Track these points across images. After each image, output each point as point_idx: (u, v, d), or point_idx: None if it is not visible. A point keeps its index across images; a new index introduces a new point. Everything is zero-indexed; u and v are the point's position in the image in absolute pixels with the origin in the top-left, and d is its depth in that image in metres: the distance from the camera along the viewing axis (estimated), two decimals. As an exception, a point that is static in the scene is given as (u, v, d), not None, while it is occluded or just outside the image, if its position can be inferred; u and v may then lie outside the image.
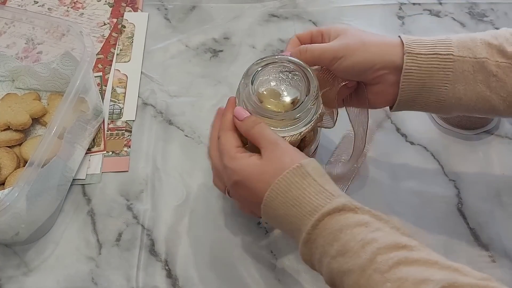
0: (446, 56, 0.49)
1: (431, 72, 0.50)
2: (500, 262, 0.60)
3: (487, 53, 0.49)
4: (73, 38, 0.64)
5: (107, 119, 0.71)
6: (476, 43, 0.49)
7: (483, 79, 0.49)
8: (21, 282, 0.59)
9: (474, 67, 0.49)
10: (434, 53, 0.49)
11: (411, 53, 0.50)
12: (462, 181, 0.66)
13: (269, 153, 0.47)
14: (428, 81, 0.50)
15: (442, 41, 0.50)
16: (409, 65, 0.50)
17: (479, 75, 0.49)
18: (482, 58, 0.48)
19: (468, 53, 0.49)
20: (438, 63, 0.49)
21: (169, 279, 0.59)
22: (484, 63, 0.48)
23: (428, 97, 0.51)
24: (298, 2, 0.84)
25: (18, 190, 0.51)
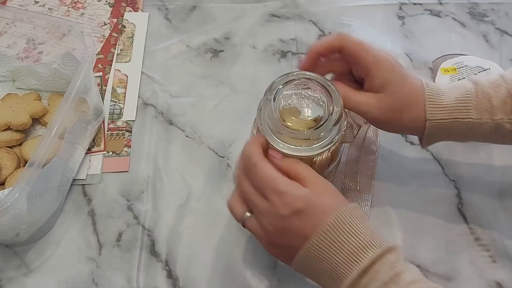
0: (465, 119, 0.52)
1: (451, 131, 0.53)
2: (500, 263, 0.60)
3: (502, 112, 0.52)
4: (74, 38, 0.64)
5: (107, 119, 0.71)
6: (492, 103, 0.52)
7: (500, 133, 0.53)
8: (21, 283, 0.59)
9: (492, 127, 0.52)
10: (454, 117, 0.52)
11: (431, 120, 0.53)
12: (463, 181, 0.66)
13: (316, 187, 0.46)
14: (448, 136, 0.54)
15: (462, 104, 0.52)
16: (430, 130, 0.53)
17: (496, 131, 0.53)
18: (498, 119, 0.52)
19: (485, 115, 0.52)
20: (457, 125, 0.53)
21: (169, 279, 0.59)
22: (500, 123, 0.52)
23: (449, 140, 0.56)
24: (300, 2, 0.84)
25: (18, 191, 0.51)
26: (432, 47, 0.78)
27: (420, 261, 0.60)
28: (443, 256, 0.60)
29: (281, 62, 0.78)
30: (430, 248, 0.61)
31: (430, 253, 0.60)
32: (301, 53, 0.78)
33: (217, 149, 0.69)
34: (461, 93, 0.53)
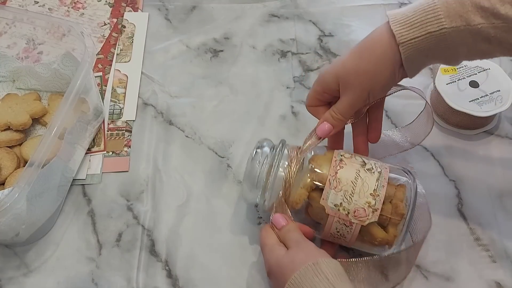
0: (440, 31, 0.48)
1: (430, 48, 0.49)
2: (500, 263, 0.60)
3: (481, 17, 0.47)
4: (74, 38, 0.64)
5: (107, 119, 0.71)
6: (466, 8, 0.47)
7: (483, 40, 0.48)
8: (21, 283, 0.59)
9: (471, 33, 0.47)
10: (426, 32, 0.48)
11: (404, 42, 0.49)
12: (463, 182, 0.66)
13: (290, 250, 0.51)
14: (429, 54, 0.50)
15: (430, 15, 0.48)
16: (406, 53, 0.50)
17: (478, 37, 0.48)
18: (477, 24, 0.47)
19: (461, 22, 0.47)
20: (434, 40, 0.48)
21: (169, 279, 0.59)
22: (481, 28, 0.47)
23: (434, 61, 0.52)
24: (299, 2, 0.84)
25: (18, 191, 0.51)
26: (432, 47, 0.78)
27: (419, 261, 0.60)
28: (442, 256, 0.60)
29: (281, 62, 0.78)
30: (430, 248, 0.61)
31: (430, 253, 0.60)
32: (301, 53, 0.78)
33: (217, 149, 0.69)
34: (428, 4, 0.49)
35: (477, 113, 0.66)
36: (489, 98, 0.67)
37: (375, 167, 0.54)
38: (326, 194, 0.53)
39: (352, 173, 0.53)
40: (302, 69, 0.77)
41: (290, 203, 0.55)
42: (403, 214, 0.53)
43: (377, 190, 0.52)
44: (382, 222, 0.53)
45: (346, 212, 0.53)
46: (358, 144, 0.60)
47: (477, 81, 0.69)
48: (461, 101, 0.67)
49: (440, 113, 0.70)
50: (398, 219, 0.53)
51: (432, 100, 0.71)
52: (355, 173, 0.53)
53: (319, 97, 0.57)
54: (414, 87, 0.59)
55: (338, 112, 0.55)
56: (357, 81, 0.52)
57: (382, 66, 0.51)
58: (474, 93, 0.68)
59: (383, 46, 0.51)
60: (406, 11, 0.50)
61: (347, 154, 0.56)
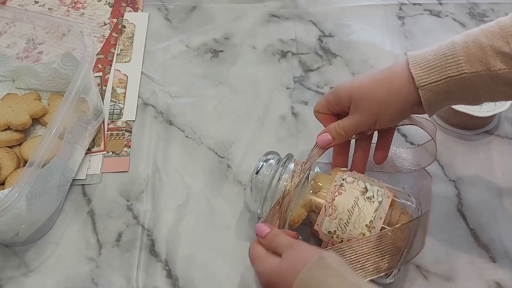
0: (460, 76, 0.48)
1: (450, 91, 0.49)
2: (500, 263, 0.60)
3: (501, 62, 0.46)
4: (74, 38, 0.64)
5: (107, 119, 0.71)
6: (486, 53, 0.47)
7: (504, 84, 0.48)
8: (21, 282, 0.59)
9: (492, 77, 0.47)
10: (446, 77, 0.48)
11: (423, 86, 0.49)
12: (462, 182, 0.66)
13: (285, 255, 0.49)
14: (450, 97, 0.50)
15: (450, 59, 0.48)
16: (425, 97, 0.50)
17: (499, 81, 0.47)
18: (498, 70, 0.47)
19: (481, 67, 0.47)
20: (454, 84, 0.48)
21: (169, 279, 0.59)
22: (501, 74, 0.47)
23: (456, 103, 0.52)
24: (299, 3, 0.84)
25: (18, 190, 0.51)
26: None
27: (419, 261, 0.60)
28: (442, 256, 0.60)
29: (281, 63, 0.78)
30: (429, 248, 0.61)
31: (430, 253, 0.60)
32: (301, 54, 0.78)
33: (217, 149, 0.69)
34: (448, 48, 0.49)
35: (477, 113, 0.66)
36: (489, 98, 0.67)
37: (376, 196, 0.53)
38: (321, 221, 0.53)
39: (349, 201, 0.52)
40: (302, 70, 0.77)
41: (289, 221, 0.55)
42: (401, 249, 0.51)
43: (374, 222, 0.51)
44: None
45: (339, 240, 0.52)
46: (356, 159, 0.60)
47: (477, 81, 0.69)
48: (461, 101, 0.67)
49: (440, 113, 0.70)
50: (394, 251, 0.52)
51: (432, 100, 0.71)
52: (353, 201, 0.52)
53: (330, 107, 0.58)
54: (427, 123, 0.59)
55: (342, 128, 0.56)
56: (368, 105, 0.53)
57: (395, 100, 0.52)
58: (474, 93, 0.68)
59: (401, 82, 0.51)
60: (426, 53, 0.50)
61: (350, 178, 0.55)
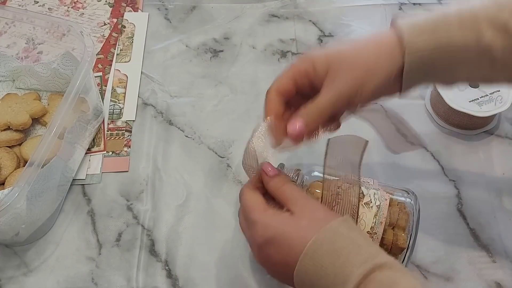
0: (448, 47, 0.45)
1: (434, 64, 0.46)
2: (500, 263, 0.60)
3: (492, 36, 0.44)
4: (74, 38, 0.64)
5: (107, 119, 0.71)
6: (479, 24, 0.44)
7: (489, 63, 0.45)
8: (21, 282, 0.59)
9: (479, 53, 0.44)
10: (435, 47, 0.45)
11: (411, 52, 0.45)
12: (462, 182, 0.66)
13: (301, 209, 0.45)
14: (430, 71, 0.46)
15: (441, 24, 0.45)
16: (410, 64, 0.46)
17: (484, 58, 0.45)
18: (487, 43, 0.44)
19: (471, 37, 0.44)
20: (440, 55, 0.45)
21: (169, 279, 0.59)
22: (490, 48, 0.44)
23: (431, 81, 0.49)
24: (299, 2, 0.84)
25: (18, 190, 0.51)
26: (431, 47, 0.78)
27: (419, 261, 0.60)
28: (442, 256, 0.61)
29: (281, 62, 0.78)
30: (429, 248, 0.61)
31: (430, 253, 0.60)
32: (301, 53, 0.78)
33: (217, 149, 0.69)
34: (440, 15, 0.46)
35: (477, 113, 0.66)
36: (489, 98, 0.67)
37: (374, 200, 0.52)
38: None
39: (348, 210, 0.51)
40: (302, 69, 0.77)
41: None
42: (403, 248, 0.52)
43: (375, 228, 0.51)
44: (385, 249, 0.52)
45: None
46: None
47: (477, 81, 0.69)
48: (461, 101, 0.67)
49: (440, 113, 0.70)
50: (398, 251, 0.52)
51: (432, 100, 0.71)
52: (352, 210, 0.51)
53: (297, 79, 0.48)
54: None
55: (317, 108, 0.47)
56: (351, 71, 0.46)
57: (384, 63, 0.46)
58: (474, 93, 0.68)
59: (390, 44, 0.46)
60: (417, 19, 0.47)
61: (345, 185, 0.52)
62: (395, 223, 0.53)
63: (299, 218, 0.45)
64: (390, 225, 0.52)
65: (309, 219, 0.44)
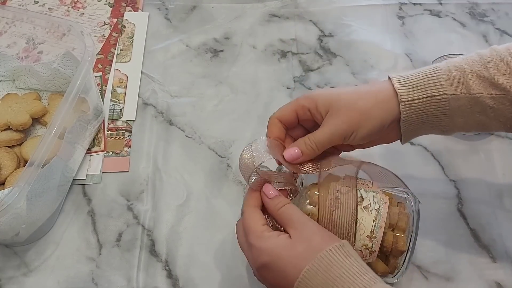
0: (440, 97, 0.49)
1: (428, 113, 0.50)
2: (500, 263, 0.60)
3: (480, 86, 0.48)
4: (74, 38, 0.64)
5: (107, 119, 0.71)
6: (467, 77, 0.49)
7: (481, 111, 0.49)
8: (21, 282, 0.59)
9: (470, 102, 0.49)
10: (427, 96, 0.49)
11: (405, 101, 0.50)
12: (463, 182, 0.66)
13: (298, 233, 0.46)
14: (426, 120, 0.51)
15: (432, 79, 0.50)
16: (405, 113, 0.50)
17: (476, 108, 0.49)
18: (477, 94, 0.48)
19: (461, 90, 0.49)
20: (433, 105, 0.49)
21: (169, 279, 0.59)
22: (479, 98, 0.49)
23: (429, 130, 0.52)
24: (299, 2, 0.84)
25: (18, 190, 0.51)
26: (432, 47, 0.78)
27: (420, 261, 0.60)
28: (443, 256, 0.61)
29: (281, 62, 0.77)
30: (430, 248, 0.61)
31: (430, 253, 0.61)
32: (301, 53, 0.78)
33: (217, 149, 0.69)
34: (431, 70, 0.50)
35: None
36: (490, 98, 0.67)
37: (373, 204, 0.52)
38: None
39: (347, 215, 0.51)
40: (302, 69, 0.77)
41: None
42: (403, 251, 0.52)
43: (374, 232, 0.51)
44: (384, 252, 0.52)
45: None
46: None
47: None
48: (461, 101, 0.67)
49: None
50: (398, 253, 0.52)
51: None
52: (351, 214, 0.51)
53: (299, 113, 0.53)
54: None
55: (314, 141, 0.51)
56: (348, 115, 0.50)
57: (378, 112, 0.50)
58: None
59: (386, 96, 0.50)
60: (408, 74, 0.51)
61: (344, 188, 0.52)
62: (395, 224, 0.52)
63: (295, 244, 0.45)
64: (390, 226, 0.52)
65: (305, 245, 0.45)
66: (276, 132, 0.53)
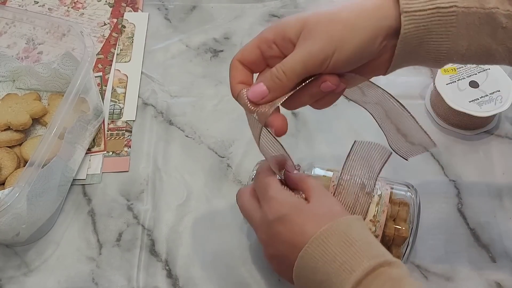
0: (449, 9, 0.41)
1: (430, 29, 0.41)
2: (500, 263, 0.60)
3: (496, 2, 0.41)
4: (74, 38, 0.64)
5: (107, 119, 0.71)
6: None
7: (490, 32, 0.42)
8: (21, 282, 0.59)
9: (481, 19, 0.41)
10: (435, 7, 0.41)
11: (408, 12, 0.41)
12: (462, 181, 0.66)
13: (318, 199, 0.45)
14: (426, 39, 0.42)
15: None
16: (406, 27, 0.41)
17: (486, 27, 0.41)
18: (492, 8, 0.41)
19: (474, 3, 0.41)
20: (439, 19, 0.41)
21: (169, 279, 0.59)
22: (494, 14, 0.41)
23: (425, 55, 0.44)
24: (299, 2, 0.84)
25: (18, 190, 0.51)
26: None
27: (419, 261, 0.60)
28: (442, 256, 0.61)
29: (281, 62, 0.77)
30: (429, 247, 0.61)
31: (430, 253, 0.61)
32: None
33: (217, 149, 0.69)
34: None
35: (477, 113, 0.66)
36: (489, 98, 0.67)
37: (375, 189, 0.53)
38: None
39: (350, 199, 0.51)
40: (302, 69, 0.77)
41: None
42: (406, 237, 0.52)
43: (377, 216, 0.51)
44: (386, 242, 0.53)
45: None
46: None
47: (477, 81, 0.69)
48: (461, 101, 0.67)
49: (440, 113, 0.70)
50: (401, 241, 0.53)
51: (432, 100, 0.71)
52: (354, 199, 0.51)
53: (262, 48, 0.44)
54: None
55: (283, 69, 0.42)
56: (327, 28, 0.41)
57: (366, 22, 0.41)
58: (474, 93, 0.68)
59: (378, 2, 0.42)
60: None
61: (346, 176, 0.53)
62: (396, 215, 0.53)
63: (316, 206, 0.45)
64: (391, 217, 0.53)
65: (326, 208, 0.45)
66: (239, 76, 0.45)
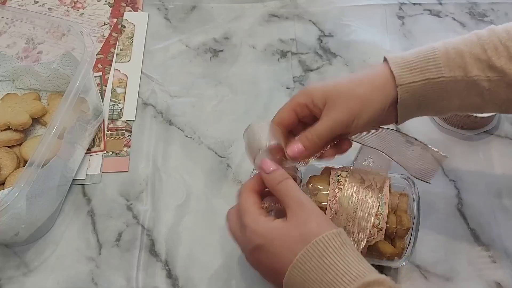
0: (438, 80, 0.49)
1: (425, 95, 0.50)
2: (500, 263, 0.60)
3: (478, 69, 0.48)
4: (74, 38, 0.64)
5: (107, 119, 0.71)
6: (465, 59, 0.49)
7: (477, 93, 0.49)
8: (21, 282, 0.59)
9: (468, 85, 0.49)
10: (425, 78, 0.49)
11: (403, 84, 0.49)
12: (462, 182, 0.66)
13: (294, 215, 0.45)
14: (423, 102, 0.51)
15: (430, 62, 0.49)
16: (403, 96, 0.50)
17: (473, 91, 0.49)
18: (474, 76, 0.49)
19: (459, 72, 0.49)
20: (431, 87, 0.49)
21: (169, 279, 0.59)
22: (476, 81, 0.49)
23: (425, 112, 0.53)
24: (299, 2, 0.84)
25: (18, 190, 0.51)
26: (431, 47, 0.78)
27: (419, 261, 0.60)
28: (442, 256, 0.60)
29: (281, 62, 0.78)
30: (429, 248, 0.61)
31: (430, 253, 0.60)
32: (301, 53, 0.78)
33: (216, 149, 0.69)
34: (428, 51, 0.50)
35: (477, 113, 0.66)
36: (489, 98, 0.67)
37: (374, 183, 0.53)
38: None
39: (351, 194, 0.52)
40: (302, 69, 0.77)
41: None
42: (408, 227, 0.53)
43: (380, 209, 0.52)
44: (389, 235, 0.53)
45: (351, 234, 0.52)
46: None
47: (477, 81, 0.69)
48: (461, 101, 0.67)
49: (440, 113, 0.70)
50: (404, 232, 0.53)
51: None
52: (355, 194, 0.52)
53: (298, 111, 0.52)
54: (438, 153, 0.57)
55: (315, 134, 0.51)
56: (346, 103, 0.50)
57: (377, 97, 0.50)
58: (474, 93, 0.68)
59: (383, 80, 0.50)
60: (406, 55, 0.51)
61: (344, 173, 0.54)
62: (396, 207, 0.54)
63: (290, 227, 0.45)
64: (392, 209, 0.53)
65: (300, 230, 0.44)
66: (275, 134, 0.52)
